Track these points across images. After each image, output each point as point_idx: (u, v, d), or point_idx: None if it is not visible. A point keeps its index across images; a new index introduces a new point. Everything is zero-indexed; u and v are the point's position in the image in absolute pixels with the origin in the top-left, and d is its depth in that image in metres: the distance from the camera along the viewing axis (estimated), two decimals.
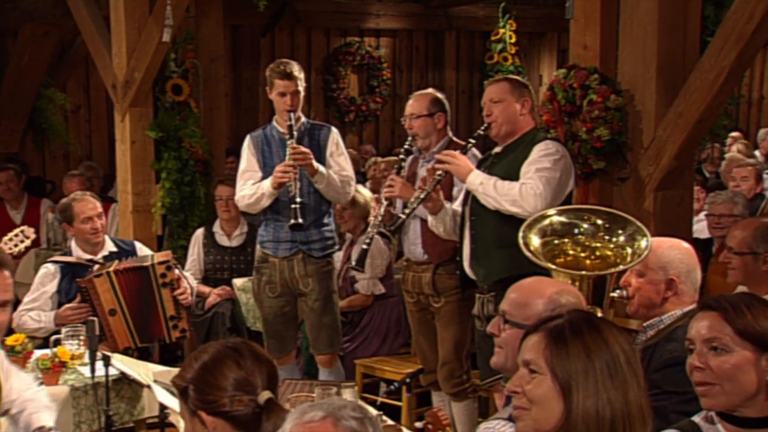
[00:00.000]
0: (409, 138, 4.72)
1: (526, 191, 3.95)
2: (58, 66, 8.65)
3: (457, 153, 4.23)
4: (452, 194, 4.56)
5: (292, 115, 4.84)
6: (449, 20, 10.49)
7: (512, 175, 4.06)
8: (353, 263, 4.62)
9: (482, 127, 4.24)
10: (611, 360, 1.99)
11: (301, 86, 4.90)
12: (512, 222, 3.86)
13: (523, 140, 4.16)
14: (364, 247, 4.51)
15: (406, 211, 4.32)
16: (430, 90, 4.88)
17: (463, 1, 10.28)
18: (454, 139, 4.77)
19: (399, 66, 10.52)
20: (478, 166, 4.33)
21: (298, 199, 4.70)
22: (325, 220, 4.99)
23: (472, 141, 4.32)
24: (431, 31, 10.57)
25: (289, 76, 4.84)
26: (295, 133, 4.83)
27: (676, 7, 4.30)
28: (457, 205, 4.41)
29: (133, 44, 6.29)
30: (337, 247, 5.15)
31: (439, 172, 4.24)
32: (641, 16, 4.33)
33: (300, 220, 4.68)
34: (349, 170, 4.99)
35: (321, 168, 4.83)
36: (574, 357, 1.99)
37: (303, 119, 5.01)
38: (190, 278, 5.06)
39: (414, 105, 4.72)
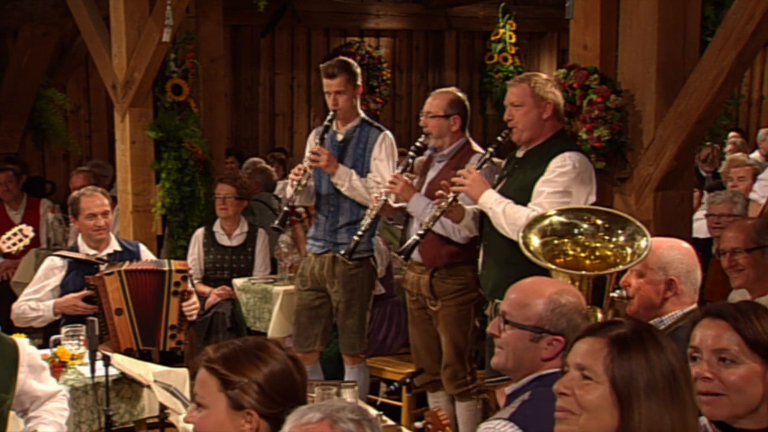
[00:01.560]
0: (423, 136, 4.68)
1: None
2: (58, 66, 8.64)
3: (472, 170, 4.15)
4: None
5: (331, 113, 4.86)
6: (449, 20, 10.48)
7: (527, 189, 4.02)
8: (342, 253, 4.65)
9: (503, 133, 4.18)
10: (672, 377, 1.93)
11: (347, 86, 4.84)
12: None
13: (544, 147, 4.08)
14: (356, 238, 4.53)
15: (420, 232, 4.25)
16: (451, 89, 4.80)
17: (463, 1, 10.28)
18: (471, 141, 4.70)
19: (399, 66, 10.51)
20: (504, 167, 4.29)
21: (291, 204, 4.80)
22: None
23: (491, 150, 4.23)
24: (431, 31, 10.56)
25: (330, 76, 4.84)
26: (327, 134, 4.87)
27: (676, 7, 4.30)
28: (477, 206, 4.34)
29: (133, 44, 6.29)
30: (372, 252, 5.06)
31: (452, 192, 4.17)
32: (641, 16, 4.32)
33: (281, 227, 4.82)
34: (385, 177, 4.80)
35: (343, 170, 4.82)
36: (637, 370, 1.92)
37: (361, 116, 4.98)
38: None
39: (432, 103, 4.67)
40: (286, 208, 4.82)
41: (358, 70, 4.94)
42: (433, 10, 10.32)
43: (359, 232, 4.57)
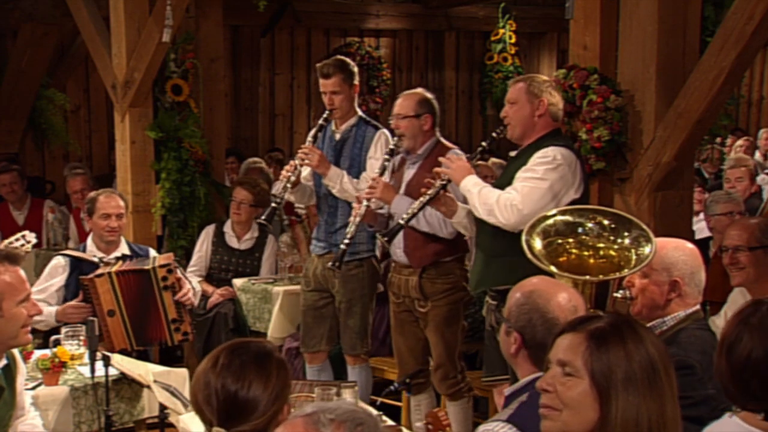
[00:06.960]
0: (395, 138, 4.68)
1: (503, 202, 3.89)
2: (57, 66, 8.64)
3: (455, 157, 4.17)
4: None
5: (327, 113, 4.89)
6: (449, 20, 10.48)
7: (511, 181, 4.02)
8: (330, 265, 4.65)
9: (498, 129, 4.20)
10: (651, 369, 1.92)
11: (343, 85, 4.86)
12: (507, 231, 3.87)
13: (535, 144, 4.07)
14: (342, 247, 4.51)
15: (405, 216, 4.19)
16: (418, 90, 4.81)
17: (463, 1, 10.27)
18: (442, 140, 4.71)
19: (399, 66, 10.51)
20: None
21: (278, 200, 4.80)
22: None
23: (484, 144, 4.23)
24: (431, 31, 10.56)
25: (325, 75, 4.90)
26: (322, 133, 4.92)
27: (676, 8, 4.30)
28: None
29: (132, 44, 6.29)
30: (374, 252, 5.07)
31: (443, 177, 4.15)
32: (641, 16, 4.32)
33: (267, 221, 4.79)
34: None
35: (334, 171, 4.82)
36: (616, 363, 1.92)
37: (359, 114, 4.99)
38: (193, 280, 5.06)
39: (401, 105, 4.67)
40: (273, 204, 4.81)
41: (355, 70, 4.95)
42: (433, 10, 10.31)
43: (346, 240, 4.51)
